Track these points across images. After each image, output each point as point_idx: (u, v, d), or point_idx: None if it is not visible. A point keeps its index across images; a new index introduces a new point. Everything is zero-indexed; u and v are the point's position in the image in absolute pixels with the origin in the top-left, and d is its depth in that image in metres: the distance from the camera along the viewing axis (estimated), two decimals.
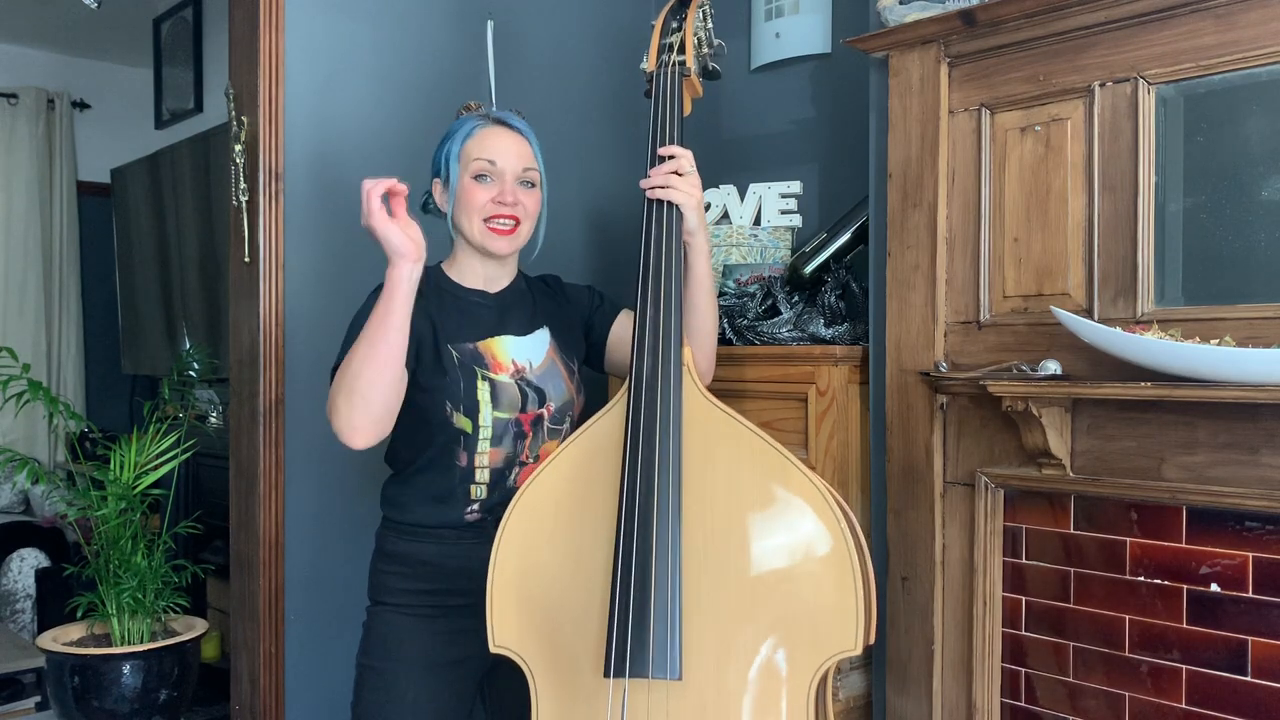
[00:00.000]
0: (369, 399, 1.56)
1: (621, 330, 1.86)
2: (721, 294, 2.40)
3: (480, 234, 1.72)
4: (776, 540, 1.42)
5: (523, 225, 1.74)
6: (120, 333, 5.41)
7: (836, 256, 2.28)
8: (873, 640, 1.44)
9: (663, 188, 1.60)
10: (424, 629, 1.72)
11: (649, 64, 1.70)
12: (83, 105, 5.50)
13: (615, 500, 1.47)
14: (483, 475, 1.70)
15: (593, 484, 1.51)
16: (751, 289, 2.35)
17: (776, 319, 2.22)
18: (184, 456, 3.24)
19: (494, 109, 1.82)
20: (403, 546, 1.74)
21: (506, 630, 1.51)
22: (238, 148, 2.23)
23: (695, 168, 1.64)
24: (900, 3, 1.92)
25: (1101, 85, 1.72)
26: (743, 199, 2.47)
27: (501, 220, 1.72)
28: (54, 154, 5.37)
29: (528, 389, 1.74)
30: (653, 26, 1.74)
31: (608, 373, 1.93)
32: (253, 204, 2.23)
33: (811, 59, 2.58)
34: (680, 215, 1.61)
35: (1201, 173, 1.65)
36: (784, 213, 2.44)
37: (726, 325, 2.28)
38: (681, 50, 1.68)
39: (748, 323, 2.25)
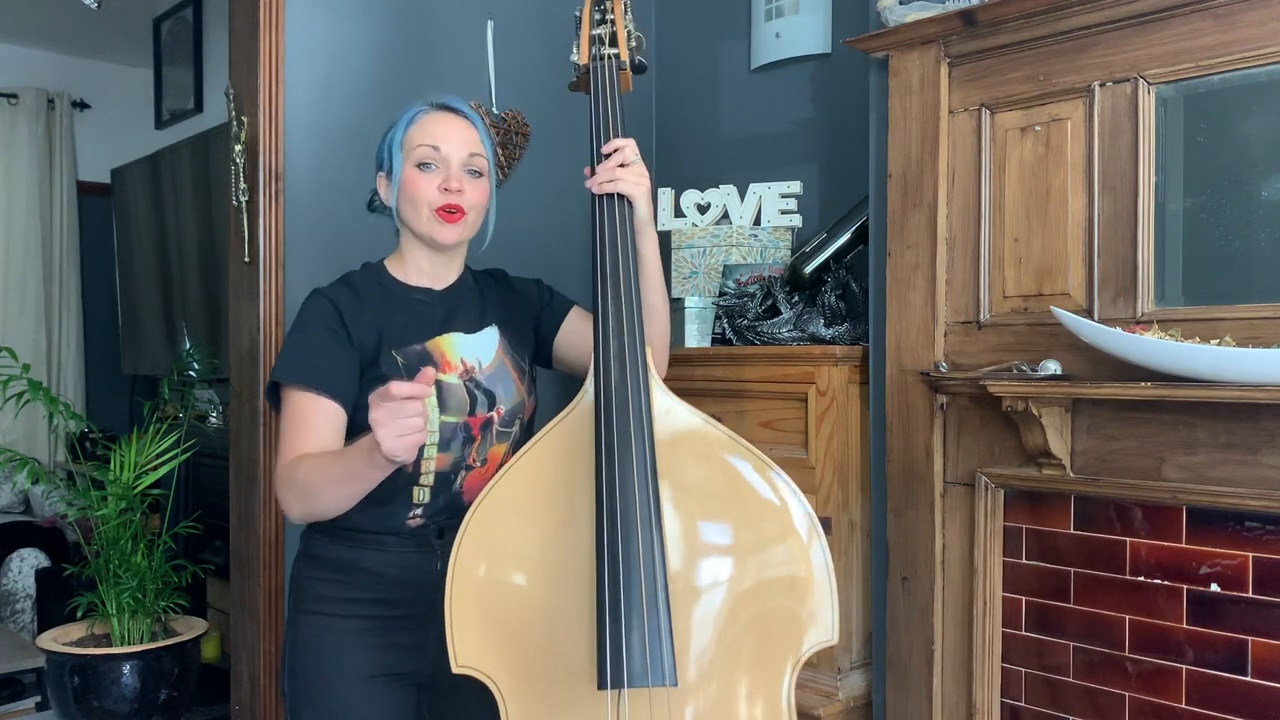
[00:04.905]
0: (325, 510, 1.51)
1: (572, 328, 1.78)
2: (721, 294, 2.40)
3: (427, 224, 1.62)
4: (749, 536, 1.43)
5: (468, 215, 1.63)
6: (120, 333, 5.41)
7: (836, 256, 2.28)
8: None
9: (610, 181, 1.54)
10: (358, 641, 1.61)
11: (580, 56, 1.65)
12: (83, 105, 5.49)
13: (582, 511, 1.43)
14: (427, 479, 1.61)
15: (555, 495, 1.45)
16: (751, 289, 2.35)
17: (776, 319, 2.22)
18: (184, 456, 3.25)
19: (445, 98, 1.72)
20: (337, 552, 1.63)
21: (469, 650, 1.44)
22: (238, 148, 2.23)
23: (639, 156, 1.58)
24: (900, 3, 1.92)
25: (1101, 85, 1.72)
26: (743, 199, 2.47)
27: (447, 209, 1.61)
28: (54, 154, 5.36)
29: (477, 391, 1.65)
30: (576, 17, 1.69)
31: (555, 370, 1.84)
32: (253, 204, 2.23)
33: (811, 59, 2.58)
34: (631, 209, 1.56)
35: (1201, 173, 1.65)
36: (784, 213, 2.44)
37: (726, 325, 2.28)
38: (614, 43, 1.64)
39: (748, 323, 2.25)
